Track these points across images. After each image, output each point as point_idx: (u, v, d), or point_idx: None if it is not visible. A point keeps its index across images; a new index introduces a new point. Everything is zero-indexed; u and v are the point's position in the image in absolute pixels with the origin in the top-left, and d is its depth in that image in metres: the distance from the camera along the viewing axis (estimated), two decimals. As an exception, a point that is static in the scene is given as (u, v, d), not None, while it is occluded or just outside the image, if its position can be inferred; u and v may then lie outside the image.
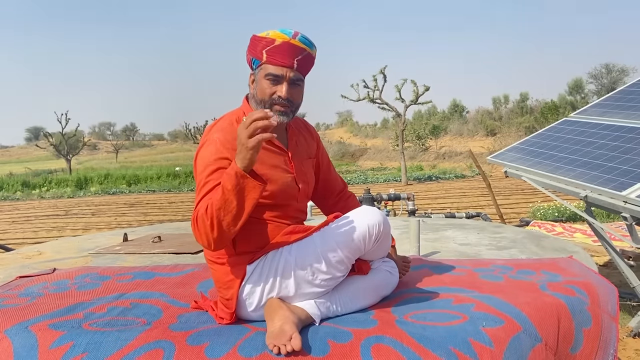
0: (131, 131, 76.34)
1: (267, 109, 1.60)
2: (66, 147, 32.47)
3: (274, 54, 1.67)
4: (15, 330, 1.61)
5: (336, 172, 2.09)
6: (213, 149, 1.65)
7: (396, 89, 20.93)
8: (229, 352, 1.45)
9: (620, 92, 4.88)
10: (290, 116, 1.73)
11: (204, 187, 1.61)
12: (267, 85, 1.69)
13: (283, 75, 1.68)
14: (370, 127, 44.51)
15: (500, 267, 2.20)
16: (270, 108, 1.69)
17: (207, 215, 1.52)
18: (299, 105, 1.75)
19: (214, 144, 1.66)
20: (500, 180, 16.47)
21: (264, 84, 1.70)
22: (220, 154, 1.64)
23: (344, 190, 2.08)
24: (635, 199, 3.06)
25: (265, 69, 1.69)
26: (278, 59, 1.67)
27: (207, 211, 1.52)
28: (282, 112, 1.70)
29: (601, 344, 1.70)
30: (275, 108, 1.69)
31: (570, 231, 6.68)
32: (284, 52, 1.67)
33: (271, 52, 1.67)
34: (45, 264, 2.69)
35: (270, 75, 1.68)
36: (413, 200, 6.42)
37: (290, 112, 1.72)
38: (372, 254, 1.75)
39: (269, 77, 1.68)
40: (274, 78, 1.68)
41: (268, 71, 1.68)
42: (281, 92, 1.68)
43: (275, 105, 1.69)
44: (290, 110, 1.72)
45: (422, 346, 1.42)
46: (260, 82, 1.71)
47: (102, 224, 12.51)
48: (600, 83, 31.45)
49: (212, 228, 1.52)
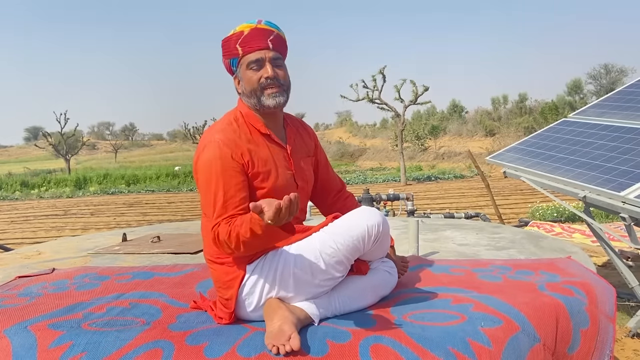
0: (130, 131, 76.28)
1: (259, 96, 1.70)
2: (65, 146, 32.45)
3: (247, 42, 1.72)
4: (15, 330, 1.61)
5: (334, 171, 2.10)
6: (218, 153, 1.66)
7: (395, 89, 20.94)
8: (228, 352, 1.45)
9: (618, 93, 4.89)
10: (284, 95, 1.75)
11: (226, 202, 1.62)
12: (252, 73, 1.73)
13: (263, 57, 1.72)
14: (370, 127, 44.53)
15: (499, 268, 2.20)
16: (262, 94, 1.72)
17: (230, 241, 1.56)
18: (289, 85, 1.78)
19: (217, 146, 1.67)
20: (499, 181, 16.49)
21: (248, 74, 1.73)
22: (227, 157, 1.65)
23: (342, 189, 2.08)
24: (634, 199, 3.06)
25: (245, 60, 1.73)
26: (253, 45, 1.72)
27: (229, 237, 1.55)
28: (276, 93, 1.72)
29: (598, 345, 1.71)
30: (267, 92, 1.72)
31: (569, 231, 6.69)
32: (255, 37, 1.72)
33: (244, 42, 1.72)
34: (44, 264, 2.69)
35: (251, 62, 1.72)
36: (412, 201, 6.42)
37: (283, 92, 1.75)
38: (371, 255, 1.75)
39: (251, 65, 1.72)
40: (256, 63, 1.72)
41: (248, 60, 1.72)
42: (267, 73, 1.71)
43: (265, 89, 1.72)
44: (283, 89, 1.75)
45: (420, 346, 1.43)
46: (244, 75, 1.74)
47: (101, 224, 12.50)
48: (599, 83, 31.47)
49: (236, 249, 1.57)
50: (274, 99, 1.72)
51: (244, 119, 1.77)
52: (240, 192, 1.64)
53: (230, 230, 1.56)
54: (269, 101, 1.72)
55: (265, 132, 1.77)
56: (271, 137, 1.78)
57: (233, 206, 1.61)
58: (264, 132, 1.76)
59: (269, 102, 1.72)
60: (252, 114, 1.78)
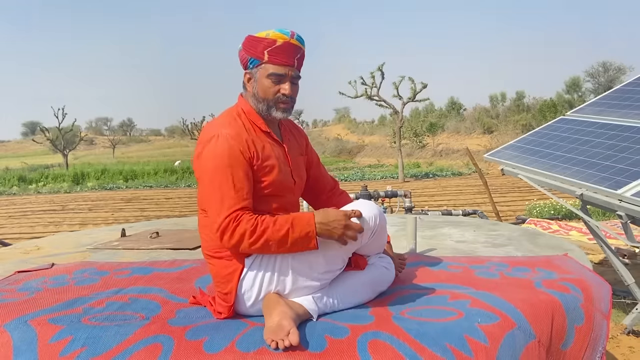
0: (128, 126, 76.22)
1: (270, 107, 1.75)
2: (63, 142, 32.39)
3: (276, 54, 1.72)
4: (15, 324, 1.62)
5: (326, 170, 2.14)
6: (226, 145, 1.67)
7: (394, 86, 20.97)
8: (227, 347, 1.46)
9: (616, 91, 4.90)
10: (290, 112, 1.81)
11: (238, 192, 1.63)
12: (270, 84, 1.74)
13: (286, 74, 1.74)
14: (368, 124, 44.58)
15: (496, 265, 2.21)
16: (274, 106, 1.76)
17: (253, 235, 1.58)
18: (295, 101, 1.83)
19: (225, 139, 1.68)
20: (497, 178, 16.53)
21: (266, 83, 1.74)
22: (236, 151, 1.67)
23: (335, 187, 2.12)
24: (631, 197, 3.08)
25: (267, 68, 1.74)
26: (281, 58, 1.73)
27: (254, 231, 1.58)
28: (286, 108, 1.77)
29: (591, 342, 1.72)
30: (279, 106, 1.76)
31: (566, 229, 6.72)
32: (286, 51, 1.73)
33: (273, 52, 1.72)
34: (43, 259, 2.70)
35: (273, 74, 1.73)
36: (410, 198, 6.44)
37: (290, 108, 1.80)
38: (368, 248, 1.77)
39: (271, 76, 1.73)
40: (277, 77, 1.74)
41: (270, 71, 1.73)
42: (286, 90, 1.74)
43: (279, 103, 1.76)
44: (291, 106, 1.80)
45: (418, 342, 1.44)
46: (261, 81, 1.75)
47: (99, 219, 12.51)
48: (597, 81, 31.52)
49: (250, 245, 1.59)
50: (283, 113, 1.78)
51: (246, 115, 1.79)
52: (249, 184, 1.67)
53: (257, 224, 1.58)
54: (278, 113, 1.77)
55: (266, 129, 1.80)
56: (271, 135, 1.81)
57: (243, 197, 1.63)
58: (264, 129, 1.79)
59: (277, 114, 1.78)
60: (254, 112, 1.80)
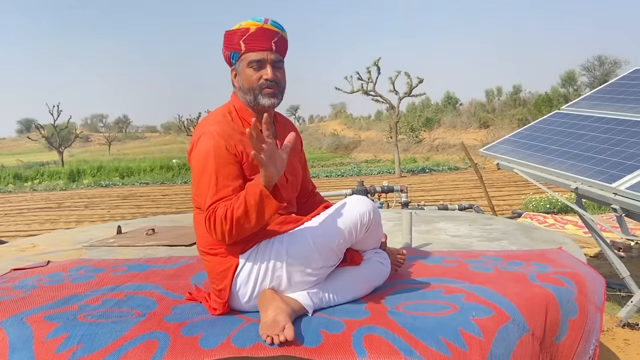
0: (124, 123, 75.97)
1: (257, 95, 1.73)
2: (58, 139, 32.29)
3: (251, 41, 1.74)
4: (11, 321, 1.63)
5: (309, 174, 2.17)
6: (212, 143, 1.68)
7: (390, 81, 20.94)
8: (223, 343, 1.47)
9: (611, 85, 4.91)
10: (279, 97, 1.80)
11: (219, 188, 1.64)
12: (252, 72, 1.75)
13: (265, 58, 1.74)
14: (364, 119, 44.52)
15: (490, 259, 2.22)
16: (260, 93, 1.75)
17: (226, 221, 1.58)
18: (284, 87, 1.82)
19: (212, 137, 1.70)
20: (493, 173, 16.55)
21: (248, 72, 1.76)
22: (222, 148, 1.68)
23: (313, 190, 2.15)
24: (625, 190, 3.10)
25: (246, 57, 1.75)
26: (257, 44, 1.74)
27: (226, 217, 1.58)
28: (272, 94, 1.77)
29: (584, 334, 1.73)
30: (264, 92, 1.76)
31: (561, 223, 6.75)
32: (261, 37, 1.74)
33: (248, 40, 1.74)
34: (39, 257, 2.70)
35: (252, 62, 1.74)
36: (406, 193, 6.45)
37: (279, 94, 1.79)
38: (363, 243, 1.78)
39: (251, 64, 1.74)
40: (257, 63, 1.74)
41: (250, 59, 1.74)
42: (267, 75, 1.74)
43: (264, 89, 1.75)
44: (279, 91, 1.79)
45: (412, 336, 1.45)
46: (243, 72, 1.77)
47: (95, 217, 12.49)
48: (592, 75, 31.56)
49: (230, 231, 1.59)
50: (270, 99, 1.77)
51: (237, 112, 1.80)
52: (234, 181, 1.67)
53: (227, 209, 1.59)
54: (265, 100, 1.76)
55: None
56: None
57: (226, 193, 1.64)
58: None
59: (265, 101, 1.77)
60: (245, 108, 1.81)
